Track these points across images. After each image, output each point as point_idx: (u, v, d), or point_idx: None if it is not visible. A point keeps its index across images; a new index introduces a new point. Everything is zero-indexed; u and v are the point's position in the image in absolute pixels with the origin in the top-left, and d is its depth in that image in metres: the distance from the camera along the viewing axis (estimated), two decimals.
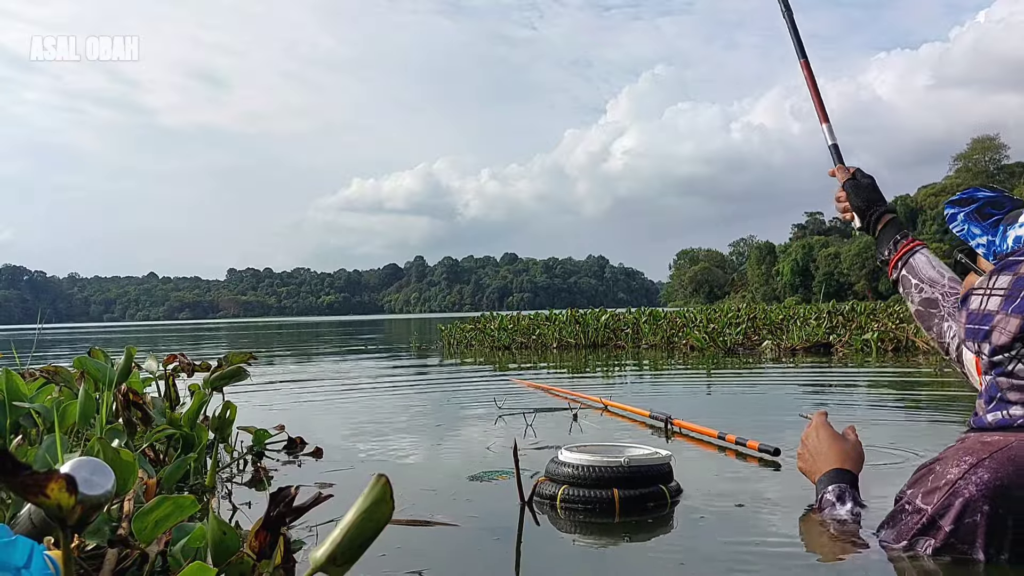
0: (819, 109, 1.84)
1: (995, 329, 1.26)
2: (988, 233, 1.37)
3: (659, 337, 9.55)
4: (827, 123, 1.85)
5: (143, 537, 1.13)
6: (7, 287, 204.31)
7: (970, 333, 1.32)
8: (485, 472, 2.20)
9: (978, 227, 1.38)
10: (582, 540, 1.59)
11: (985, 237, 1.37)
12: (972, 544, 1.16)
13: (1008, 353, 1.24)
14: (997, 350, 1.25)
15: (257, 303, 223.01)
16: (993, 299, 1.28)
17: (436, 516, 1.67)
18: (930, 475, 1.24)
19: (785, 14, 1.92)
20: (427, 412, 3.70)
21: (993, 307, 1.27)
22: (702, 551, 1.46)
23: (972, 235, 1.38)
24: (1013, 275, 1.27)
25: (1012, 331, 1.23)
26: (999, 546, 1.15)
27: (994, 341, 1.25)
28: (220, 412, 2.25)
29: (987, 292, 1.30)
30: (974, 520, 1.16)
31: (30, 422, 1.89)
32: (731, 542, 1.51)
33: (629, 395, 4.29)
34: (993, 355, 1.26)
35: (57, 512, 0.77)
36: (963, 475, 1.18)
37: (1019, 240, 1.31)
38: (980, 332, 1.29)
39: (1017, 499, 1.14)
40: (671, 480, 1.85)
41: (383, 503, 0.77)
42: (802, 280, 73.79)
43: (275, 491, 0.96)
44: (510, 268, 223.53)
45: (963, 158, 69.54)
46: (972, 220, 1.40)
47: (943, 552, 1.19)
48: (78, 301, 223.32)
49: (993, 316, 1.27)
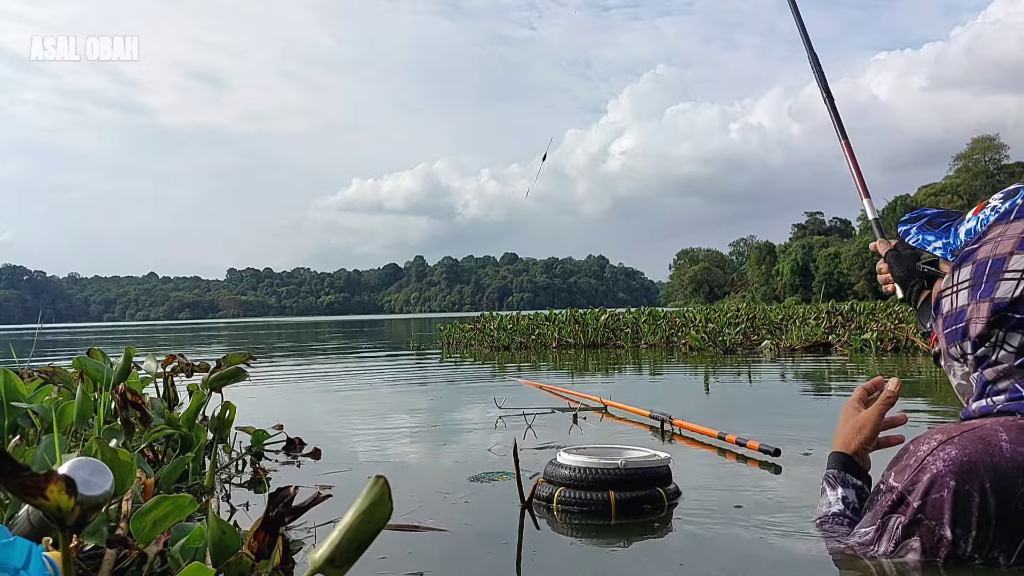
0: (861, 186, 1.84)
1: (970, 322, 1.26)
2: (942, 237, 1.40)
3: (659, 337, 9.55)
4: (868, 199, 1.84)
5: (141, 537, 1.13)
6: (7, 287, 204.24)
7: (950, 337, 1.31)
8: (486, 473, 2.20)
9: (931, 234, 1.42)
10: (580, 542, 1.58)
11: (940, 241, 1.39)
12: (939, 520, 1.15)
13: (989, 342, 1.24)
14: (978, 342, 1.25)
15: (257, 303, 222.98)
16: (961, 294, 1.29)
17: (426, 520, 1.66)
18: (904, 454, 1.25)
19: (826, 100, 1.92)
20: (427, 412, 3.70)
21: (963, 301, 1.28)
22: (701, 553, 1.46)
23: (927, 242, 1.41)
24: (972, 263, 1.28)
25: (985, 316, 1.23)
26: (966, 524, 1.13)
27: (972, 333, 1.25)
28: (219, 412, 2.24)
29: (954, 289, 1.31)
30: (940, 496, 1.14)
31: (28, 422, 1.89)
32: (731, 543, 1.51)
33: (629, 395, 4.29)
34: (976, 350, 1.26)
35: (56, 513, 0.77)
36: (932, 451, 1.18)
37: (970, 232, 1.34)
38: (958, 331, 1.29)
39: (983, 477, 1.12)
40: (670, 482, 1.85)
41: (381, 504, 0.77)
42: (802, 280, 73.80)
43: (274, 491, 0.96)
44: (510, 268, 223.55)
45: (963, 158, 69.53)
46: (924, 231, 1.43)
47: (912, 528, 1.17)
48: (78, 301, 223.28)
49: (966, 310, 1.27)
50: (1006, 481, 1.12)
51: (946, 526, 1.14)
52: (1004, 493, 1.12)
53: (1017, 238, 1.23)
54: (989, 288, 1.23)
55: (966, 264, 1.29)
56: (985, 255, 1.26)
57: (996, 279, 1.23)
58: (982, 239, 1.29)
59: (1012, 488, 1.12)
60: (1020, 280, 1.20)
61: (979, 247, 1.28)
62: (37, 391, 2.03)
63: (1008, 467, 1.12)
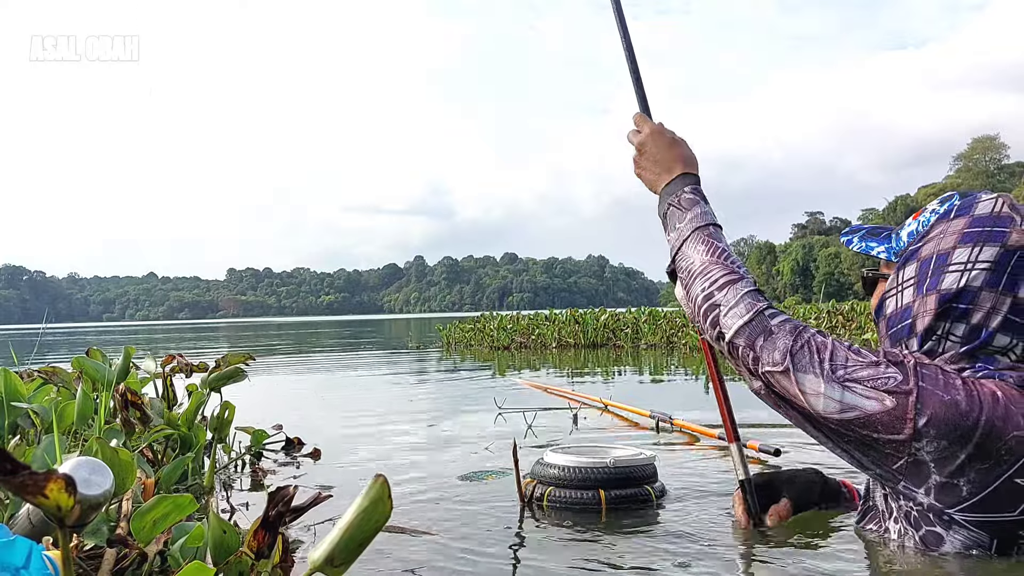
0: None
1: (917, 317, 1.27)
2: (884, 242, 1.42)
3: (659, 337, 9.55)
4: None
5: (141, 537, 1.13)
6: (7, 287, 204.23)
7: (895, 336, 1.32)
8: (475, 472, 2.20)
9: (874, 241, 1.44)
10: (572, 541, 1.58)
11: (883, 245, 1.42)
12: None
13: (936, 335, 1.26)
14: (924, 336, 1.26)
15: (257, 303, 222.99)
16: (906, 292, 1.30)
17: (411, 523, 1.65)
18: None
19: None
20: (426, 412, 3.70)
21: (908, 298, 1.30)
22: (702, 552, 1.46)
23: (870, 248, 1.43)
24: (916, 261, 1.30)
25: (932, 307, 1.25)
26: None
27: (919, 328, 1.27)
28: (218, 412, 2.24)
29: (898, 288, 1.32)
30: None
31: (28, 422, 1.89)
32: (731, 543, 1.51)
33: (629, 395, 4.28)
34: (923, 345, 1.27)
35: (56, 512, 0.77)
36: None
37: (912, 234, 1.35)
38: (904, 328, 1.30)
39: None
40: (656, 480, 1.86)
41: (382, 503, 0.77)
42: (802, 280, 73.81)
43: (273, 490, 0.96)
44: (510, 268, 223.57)
45: (963, 158, 69.57)
46: (867, 239, 1.46)
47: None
48: (77, 301, 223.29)
49: (912, 306, 1.29)
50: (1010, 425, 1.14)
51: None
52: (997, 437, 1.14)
53: (959, 233, 1.26)
54: (935, 281, 1.26)
55: (910, 263, 1.31)
56: (929, 252, 1.29)
57: (941, 272, 1.25)
58: (925, 237, 1.32)
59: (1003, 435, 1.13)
60: (963, 271, 1.23)
61: (922, 245, 1.31)
62: (37, 391, 2.04)
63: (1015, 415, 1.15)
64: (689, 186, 1.49)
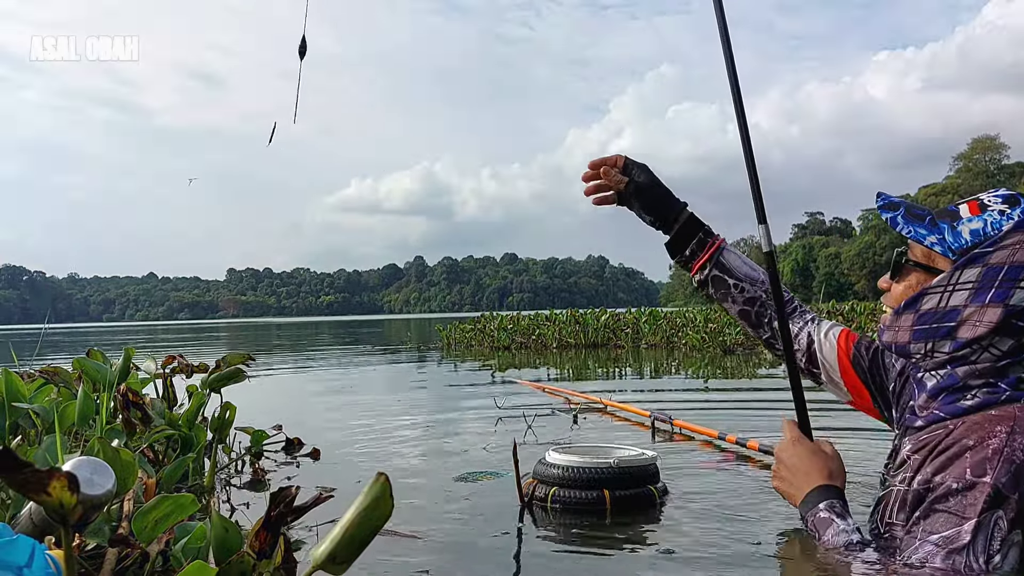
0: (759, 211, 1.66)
1: (965, 323, 1.25)
2: (934, 232, 1.34)
3: (659, 337, 9.55)
4: (764, 224, 1.62)
5: (143, 536, 1.13)
6: (7, 287, 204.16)
7: (921, 334, 1.30)
8: (473, 472, 2.20)
9: (922, 227, 1.35)
10: (575, 542, 1.58)
11: (935, 236, 1.33)
12: None
13: (979, 344, 1.24)
14: (967, 343, 1.25)
15: (257, 303, 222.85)
16: (957, 294, 1.27)
17: (398, 526, 1.63)
18: (954, 454, 1.21)
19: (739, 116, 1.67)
20: (426, 412, 3.70)
21: (958, 302, 1.27)
22: (702, 552, 1.46)
23: (921, 235, 1.34)
24: (983, 266, 1.26)
25: (993, 320, 1.23)
26: None
27: (965, 335, 1.25)
28: (219, 413, 2.25)
29: (950, 288, 1.29)
30: None
31: (29, 423, 1.90)
32: (731, 543, 1.51)
33: (629, 395, 4.29)
34: (960, 349, 1.26)
35: (58, 510, 0.77)
36: (1008, 442, 1.17)
37: (977, 233, 1.29)
38: (943, 330, 1.28)
39: None
40: (658, 480, 1.87)
41: (383, 502, 0.78)
42: (802, 280, 73.75)
43: (275, 491, 0.96)
44: (510, 268, 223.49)
45: (963, 158, 69.48)
46: (912, 222, 1.36)
47: (1017, 521, 1.15)
48: (77, 301, 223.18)
49: (960, 311, 1.26)
50: None
51: None
52: None
53: None
54: (1002, 293, 1.23)
55: (974, 266, 1.27)
56: (1001, 260, 1.25)
57: (1012, 285, 1.23)
58: (997, 244, 1.27)
59: None
60: None
61: (994, 251, 1.27)
62: (38, 391, 2.04)
63: None
64: (825, 502, 1.36)
